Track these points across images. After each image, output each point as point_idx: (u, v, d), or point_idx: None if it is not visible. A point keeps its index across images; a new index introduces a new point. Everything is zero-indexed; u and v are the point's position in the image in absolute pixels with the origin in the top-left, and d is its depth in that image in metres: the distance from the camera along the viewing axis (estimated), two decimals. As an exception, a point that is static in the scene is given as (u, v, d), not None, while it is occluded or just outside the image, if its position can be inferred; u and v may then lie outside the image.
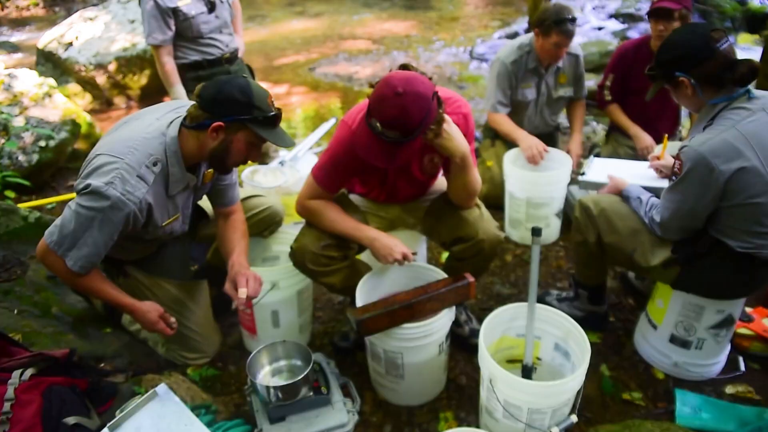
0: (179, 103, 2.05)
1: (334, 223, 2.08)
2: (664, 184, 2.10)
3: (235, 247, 2.15)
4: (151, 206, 1.88)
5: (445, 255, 3.09)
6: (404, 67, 1.82)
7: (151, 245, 2.18)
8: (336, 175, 2.08)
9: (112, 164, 1.78)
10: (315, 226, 2.13)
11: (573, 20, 2.97)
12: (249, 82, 1.85)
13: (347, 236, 2.09)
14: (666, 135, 2.69)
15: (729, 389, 2.18)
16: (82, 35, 5.88)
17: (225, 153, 1.90)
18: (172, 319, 2.09)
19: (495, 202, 3.26)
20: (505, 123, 3.31)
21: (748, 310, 2.39)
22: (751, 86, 1.88)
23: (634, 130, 3.18)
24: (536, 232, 1.75)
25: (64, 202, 3.81)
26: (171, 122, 1.92)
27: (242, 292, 1.98)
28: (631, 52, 3.18)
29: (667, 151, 2.57)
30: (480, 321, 1.94)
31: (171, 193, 1.95)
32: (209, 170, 2.08)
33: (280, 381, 2.01)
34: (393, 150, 1.76)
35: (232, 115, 1.81)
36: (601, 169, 2.64)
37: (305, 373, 1.87)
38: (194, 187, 2.08)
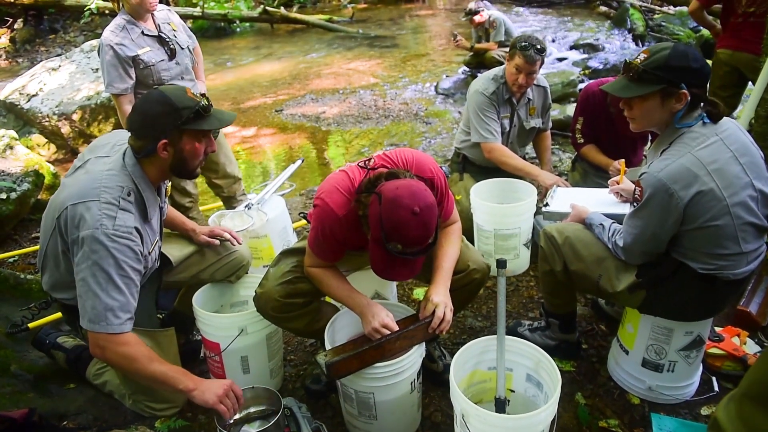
0: (109, 141, 2.08)
1: (331, 289, 2.05)
2: (625, 209, 2.13)
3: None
4: (141, 234, 1.90)
5: (418, 291, 3.07)
6: (393, 175, 1.78)
7: None
8: (329, 251, 2.03)
9: (91, 209, 1.79)
10: (279, 270, 2.12)
11: (539, 50, 3.04)
12: (162, 90, 1.90)
13: (341, 303, 2.08)
14: (623, 160, 2.73)
15: (704, 410, 2.18)
16: (46, 86, 5.84)
17: (183, 161, 1.96)
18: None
19: (465, 235, 3.27)
20: (513, 157, 3.26)
21: (718, 329, 2.41)
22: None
23: (609, 161, 3.07)
24: (501, 264, 1.76)
25: (27, 255, 3.73)
26: (123, 153, 1.96)
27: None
28: (599, 95, 3.03)
29: (626, 175, 2.62)
30: (453, 356, 1.93)
31: (150, 218, 1.99)
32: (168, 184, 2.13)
33: (250, 429, 1.95)
34: (414, 262, 1.79)
35: (167, 128, 1.86)
36: (563, 199, 2.67)
37: (275, 419, 1.83)
38: (159, 206, 2.13)
